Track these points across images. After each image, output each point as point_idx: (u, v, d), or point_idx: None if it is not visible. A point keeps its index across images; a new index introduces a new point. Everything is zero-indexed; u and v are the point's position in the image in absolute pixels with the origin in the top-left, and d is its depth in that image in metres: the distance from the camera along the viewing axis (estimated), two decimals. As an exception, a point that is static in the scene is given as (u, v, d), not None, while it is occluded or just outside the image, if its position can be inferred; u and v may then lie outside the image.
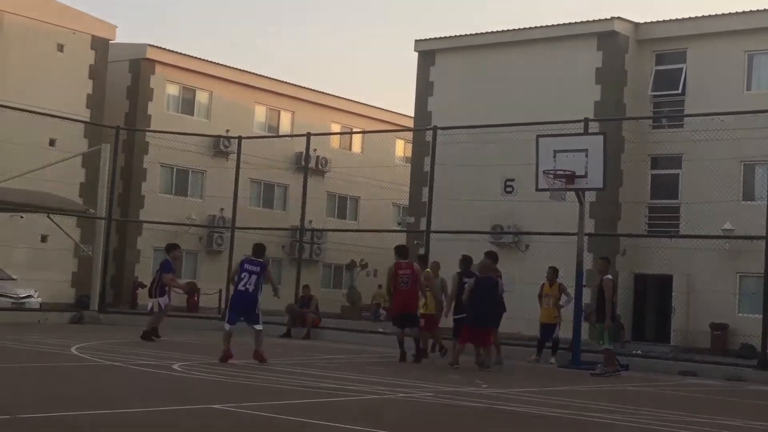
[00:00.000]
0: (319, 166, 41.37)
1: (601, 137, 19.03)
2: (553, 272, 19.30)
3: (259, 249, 16.09)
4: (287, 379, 12.66)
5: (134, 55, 37.74)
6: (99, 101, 34.88)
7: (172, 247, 20.31)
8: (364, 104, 45.93)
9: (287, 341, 22.08)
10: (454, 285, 17.69)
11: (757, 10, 28.97)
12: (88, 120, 32.62)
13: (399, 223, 37.52)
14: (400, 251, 17.59)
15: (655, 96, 30.48)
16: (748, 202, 26.88)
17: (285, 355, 17.35)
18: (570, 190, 18.95)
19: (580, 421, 10.23)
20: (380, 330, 26.13)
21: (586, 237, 20.91)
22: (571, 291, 18.70)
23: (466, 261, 17.99)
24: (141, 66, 37.74)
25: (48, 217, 26.68)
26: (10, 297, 25.85)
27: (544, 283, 19.36)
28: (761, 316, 18.17)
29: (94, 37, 35.06)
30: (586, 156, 18.41)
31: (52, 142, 31.55)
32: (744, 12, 29.24)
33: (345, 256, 42.24)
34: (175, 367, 13.41)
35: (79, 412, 8.77)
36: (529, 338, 20.57)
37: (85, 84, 34.65)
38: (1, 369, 12.53)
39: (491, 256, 18.04)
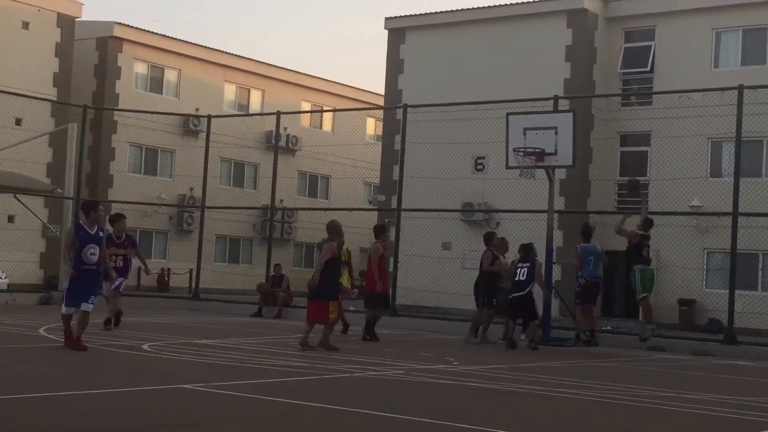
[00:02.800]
0: (290, 145, 41.21)
1: (570, 115, 19.07)
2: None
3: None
4: (259, 359, 12.63)
5: (101, 33, 37.28)
6: (66, 80, 34.45)
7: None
8: (335, 82, 45.74)
9: (258, 320, 22.05)
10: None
11: (724, -12, 29.10)
12: (54, 99, 32.22)
13: (370, 202, 37.48)
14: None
15: (624, 73, 30.57)
16: (716, 179, 27.12)
17: (256, 334, 17.30)
18: (540, 167, 19.02)
19: (549, 397, 10.29)
20: (351, 308, 26.15)
21: (556, 214, 21.00)
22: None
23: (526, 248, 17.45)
24: (108, 44, 37.30)
25: (15, 197, 26.37)
26: (-22, 278, 25.60)
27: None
28: (727, 291, 18.39)
29: (59, 15, 34.56)
30: (556, 133, 18.47)
31: (18, 122, 31.12)
32: (712, -11, 29.37)
33: (316, 235, 42.05)
34: (145, 347, 13.34)
35: (44, 394, 8.69)
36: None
37: (52, 62, 34.19)
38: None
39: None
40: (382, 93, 35.34)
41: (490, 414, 8.97)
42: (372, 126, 45.07)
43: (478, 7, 32.38)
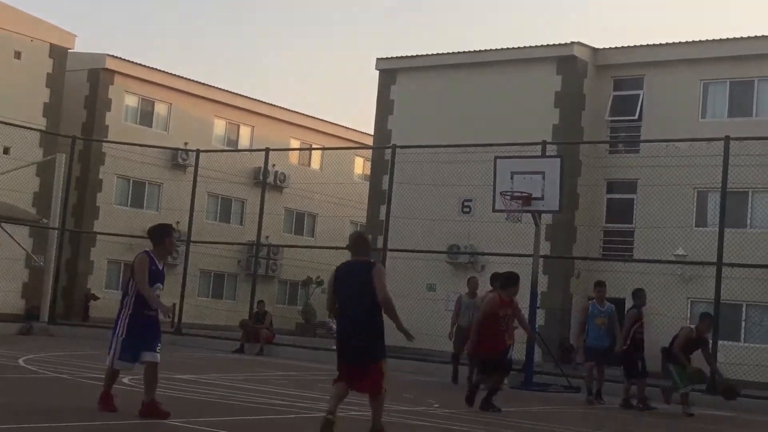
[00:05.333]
0: (278, 182, 41.23)
1: (558, 160, 19.22)
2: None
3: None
4: (239, 395, 12.55)
5: (93, 65, 37.38)
6: (56, 110, 34.47)
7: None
8: (324, 121, 45.91)
9: (240, 357, 21.94)
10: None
11: (713, 40, 29.45)
12: (44, 129, 32.22)
13: (356, 241, 37.40)
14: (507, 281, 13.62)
15: (612, 121, 30.80)
16: (701, 229, 27.25)
17: (237, 370, 17.21)
18: (526, 212, 19.10)
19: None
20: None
21: (542, 259, 21.06)
22: (526, 312, 18.77)
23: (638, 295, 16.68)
24: (100, 76, 37.38)
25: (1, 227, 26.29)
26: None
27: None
28: (711, 341, 18.36)
29: (52, 45, 34.66)
30: (543, 178, 18.60)
31: (6, 150, 31.09)
32: (700, 41, 29.73)
33: (301, 273, 42.06)
34: (125, 380, 13.24)
35: (18, 425, 8.61)
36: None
37: (42, 92, 34.23)
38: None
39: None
40: (371, 133, 35.49)
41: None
42: (360, 165, 45.18)
43: (470, 51, 32.64)
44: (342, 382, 9.21)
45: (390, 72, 33.99)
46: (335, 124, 46.42)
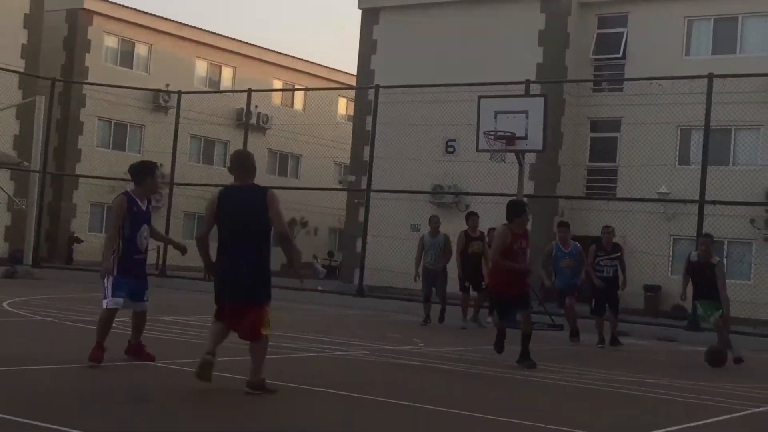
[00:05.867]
0: (261, 123, 41.02)
1: (542, 99, 19.15)
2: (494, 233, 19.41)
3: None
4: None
5: (71, 5, 36.87)
6: (34, 51, 33.98)
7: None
8: (307, 61, 45.59)
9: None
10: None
11: (698, -24, 29.26)
12: (22, 70, 31.81)
13: (340, 182, 37.43)
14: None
15: (596, 59, 30.68)
16: (684, 167, 27.35)
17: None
18: (510, 151, 19.09)
19: (509, 379, 10.37)
20: (319, 288, 26.17)
21: (525, 198, 21.10)
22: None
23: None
24: (78, 16, 36.91)
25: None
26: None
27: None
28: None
29: (29, -15, 34.11)
30: (527, 118, 18.55)
31: (-16, 93, 30.75)
32: (685, -23, 29.51)
33: (285, 214, 41.96)
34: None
35: (7, 368, 8.64)
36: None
37: (20, 33, 33.68)
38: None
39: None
40: (355, 73, 35.25)
41: (451, 394, 9.03)
42: (344, 106, 44.96)
43: (453, -11, 32.29)
44: (221, 321, 8.19)
45: (373, 11, 33.63)
46: (318, 64, 46.09)
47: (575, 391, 9.97)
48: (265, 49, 43.77)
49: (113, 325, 9.31)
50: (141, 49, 39.28)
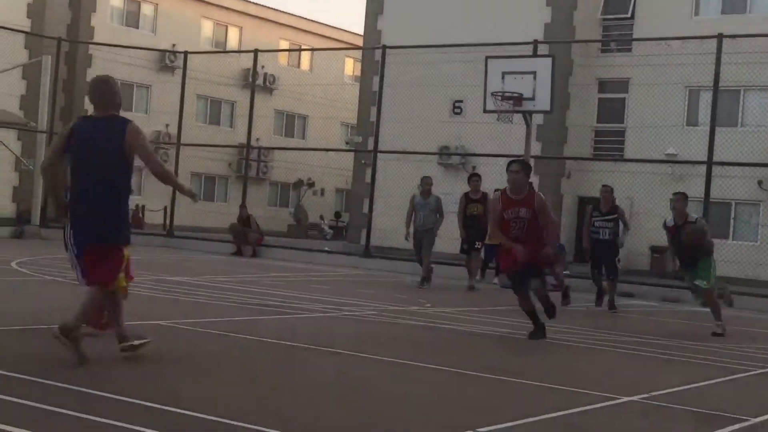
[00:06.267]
0: (267, 84, 40.90)
1: (549, 60, 19.06)
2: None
3: None
4: (233, 297, 12.68)
5: (77, -35, 36.68)
6: (40, 11, 33.81)
7: None
8: (314, 21, 45.41)
9: (236, 259, 22.09)
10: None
11: (708, -65, 28.92)
12: (28, 30, 31.69)
13: (347, 143, 37.39)
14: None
15: (604, 19, 30.42)
16: (692, 128, 27.22)
17: (231, 272, 17.35)
18: (517, 112, 19.05)
19: (512, 339, 10.41)
20: (326, 249, 26.25)
21: (533, 159, 21.06)
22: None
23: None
24: (84, -24, 36.72)
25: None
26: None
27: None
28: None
29: (34, -56, 33.90)
30: (534, 78, 18.48)
31: (-10, 53, 30.66)
32: (695, -64, 29.18)
33: (292, 175, 42.10)
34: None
35: (12, 327, 8.70)
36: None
37: (26, -7, 33.60)
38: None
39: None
40: (362, 33, 35.05)
41: (456, 354, 9.07)
42: (350, 66, 44.77)
43: (461, -52, 31.97)
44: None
45: (380, -30, 33.33)
46: (325, 24, 45.88)
47: (575, 350, 10.01)
48: (272, 8, 43.58)
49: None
50: (147, 10, 39.10)
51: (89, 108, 7.53)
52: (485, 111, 19.50)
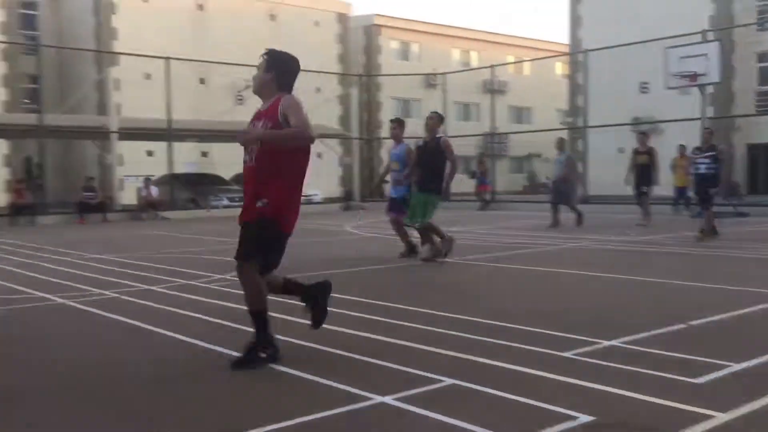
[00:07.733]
0: (501, 88, 40.34)
1: (717, 44, 17.36)
2: (682, 149, 18.06)
3: None
4: (486, 237, 12.58)
5: (366, 23, 37.84)
6: (346, 58, 35.36)
7: None
8: (532, 39, 44.21)
9: (482, 213, 21.86)
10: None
11: None
12: (340, 72, 33.13)
13: (561, 123, 36.04)
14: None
15: (759, 4, 27.17)
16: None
17: (475, 223, 17.20)
18: (694, 86, 17.49)
19: (712, 256, 9.56)
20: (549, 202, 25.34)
21: (708, 120, 19.29)
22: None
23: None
24: (372, 30, 37.82)
25: (321, 141, 27.53)
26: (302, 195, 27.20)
27: (676, 157, 18.20)
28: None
29: (338, 14, 35.30)
30: (706, 59, 16.87)
31: (317, 90, 32.31)
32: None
33: (523, 149, 41.40)
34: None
35: (349, 269, 8.94)
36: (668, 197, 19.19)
37: (335, 47, 35.14)
38: (297, 242, 12.81)
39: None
40: (567, 42, 33.60)
41: (657, 267, 8.48)
42: (560, 67, 43.11)
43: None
44: None
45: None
46: (538, 39, 44.49)
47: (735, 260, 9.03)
48: (500, 34, 42.79)
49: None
50: (414, 47, 39.64)
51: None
52: (668, 88, 18.03)
